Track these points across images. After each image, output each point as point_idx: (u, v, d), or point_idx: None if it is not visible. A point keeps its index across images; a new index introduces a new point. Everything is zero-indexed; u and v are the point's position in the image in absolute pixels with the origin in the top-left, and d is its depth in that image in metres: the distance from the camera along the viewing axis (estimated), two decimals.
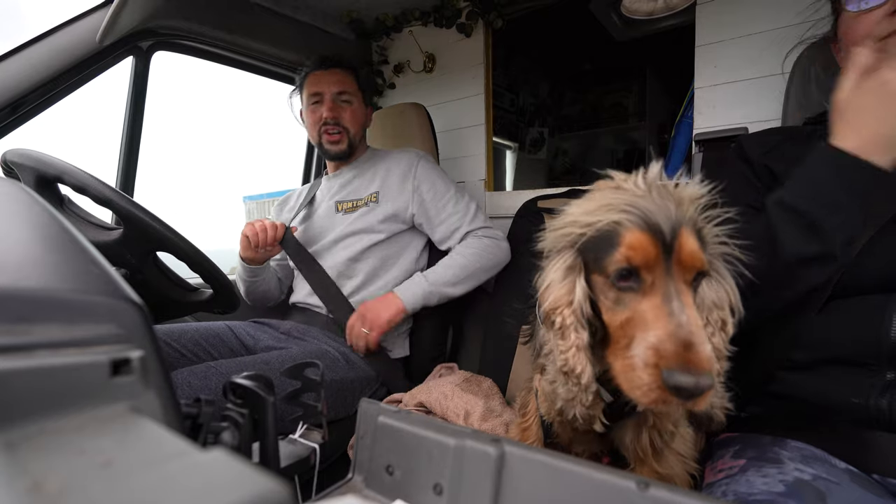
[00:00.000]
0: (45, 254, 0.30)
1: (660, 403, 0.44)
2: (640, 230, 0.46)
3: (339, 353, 1.20)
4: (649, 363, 0.44)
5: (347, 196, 1.40)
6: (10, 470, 0.17)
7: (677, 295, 0.46)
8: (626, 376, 0.47)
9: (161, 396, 0.26)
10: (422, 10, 1.71)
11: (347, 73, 1.40)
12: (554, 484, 0.31)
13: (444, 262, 1.28)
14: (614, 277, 0.48)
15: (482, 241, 1.30)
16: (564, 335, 0.51)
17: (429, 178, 1.34)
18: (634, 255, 0.46)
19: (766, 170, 0.78)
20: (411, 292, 1.24)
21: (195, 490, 0.17)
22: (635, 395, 0.46)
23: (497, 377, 1.25)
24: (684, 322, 0.44)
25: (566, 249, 0.53)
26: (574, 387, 0.52)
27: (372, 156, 1.47)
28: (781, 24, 1.11)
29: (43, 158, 0.77)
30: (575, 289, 0.51)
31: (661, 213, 0.47)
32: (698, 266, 0.47)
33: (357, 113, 1.40)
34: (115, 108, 1.42)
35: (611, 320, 0.50)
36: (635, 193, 0.49)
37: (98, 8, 1.23)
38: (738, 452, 0.71)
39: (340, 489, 0.41)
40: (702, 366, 0.42)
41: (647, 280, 0.47)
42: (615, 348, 0.50)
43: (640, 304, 0.47)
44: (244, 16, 1.51)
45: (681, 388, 0.42)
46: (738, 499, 0.59)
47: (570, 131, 3.72)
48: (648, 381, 0.44)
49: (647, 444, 0.69)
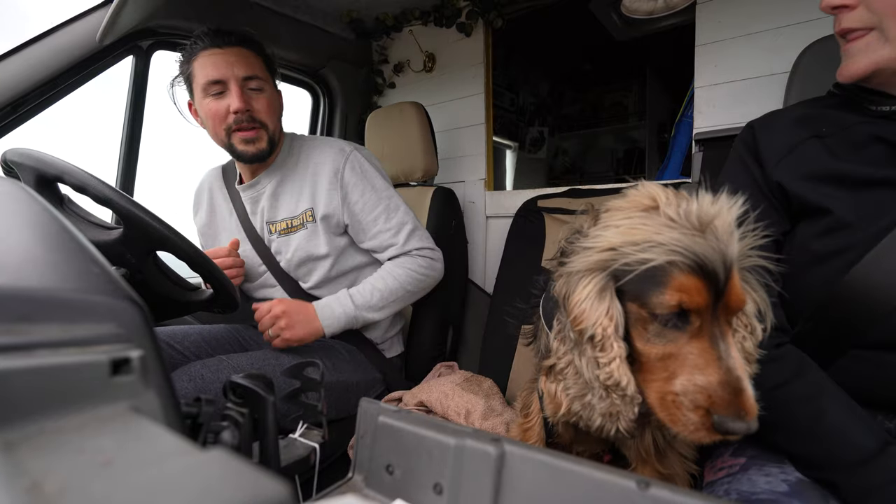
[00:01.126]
0: (45, 253, 0.30)
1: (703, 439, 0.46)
2: (696, 276, 0.46)
3: (345, 352, 1.20)
4: (700, 406, 0.46)
5: (276, 215, 1.18)
6: (10, 470, 0.17)
7: (722, 337, 0.47)
8: (667, 410, 0.49)
9: (161, 396, 0.26)
10: (422, 10, 1.71)
11: (252, 53, 1.10)
12: (554, 483, 0.31)
13: (372, 283, 1.15)
14: (662, 316, 0.48)
15: (416, 261, 1.18)
16: (605, 347, 0.51)
17: (356, 185, 1.15)
18: (689, 300, 0.46)
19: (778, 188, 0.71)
20: (334, 316, 1.10)
21: (195, 489, 0.17)
22: (677, 429, 0.48)
23: (497, 377, 1.25)
24: (732, 366, 0.46)
25: (598, 272, 0.52)
26: (618, 399, 0.51)
27: (291, 153, 1.20)
28: (782, 24, 1.11)
29: (43, 158, 0.77)
30: (611, 309, 0.51)
31: (717, 258, 0.46)
32: (741, 308, 0.49)
33: (273, 102, 1.13)
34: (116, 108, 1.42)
35: (647, 351, 0.51)
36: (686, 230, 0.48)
37: (98, 7, 1.23)
38: (737, 451, 0.71)
39: (340, 489, 0.41)
40: (752, 412, 0.45)
41: (695, 323, 0.48)
42: (649, 377, 0.51)
43: (686, 344, 0.48)
44: (244, 16, 1.51)
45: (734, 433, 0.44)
46: (741, 498, 0.59)
47: (570, 131, 3.72)
48: (696, 422, 0.46)
49: (651, 443, 0.69)
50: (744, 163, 0.76)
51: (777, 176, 0.71)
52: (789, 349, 0.66)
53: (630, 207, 0.54)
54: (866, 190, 0.64)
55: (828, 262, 0.65)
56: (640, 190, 0.54)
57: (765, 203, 0.72)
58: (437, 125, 1.65)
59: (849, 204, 0.64)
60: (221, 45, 1.06)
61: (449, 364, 1.36)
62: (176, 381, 0.93)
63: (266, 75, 1.13)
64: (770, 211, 0.72)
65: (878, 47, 0.62)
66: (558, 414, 0.67)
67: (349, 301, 1.12)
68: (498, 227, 1.65)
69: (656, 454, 0.71)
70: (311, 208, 1.15)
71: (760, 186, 0.73)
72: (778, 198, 0.72)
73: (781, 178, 0.71)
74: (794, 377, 0.63)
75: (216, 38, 1.06)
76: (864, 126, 0.67)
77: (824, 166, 0.67)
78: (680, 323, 0.48)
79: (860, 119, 0.68)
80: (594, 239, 0.53)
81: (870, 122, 0.67)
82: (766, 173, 0.73)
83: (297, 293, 1.21)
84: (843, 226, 0.64)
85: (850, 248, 0.63)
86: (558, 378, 0.66)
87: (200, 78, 1.07)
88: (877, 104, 0.67)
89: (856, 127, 0.68)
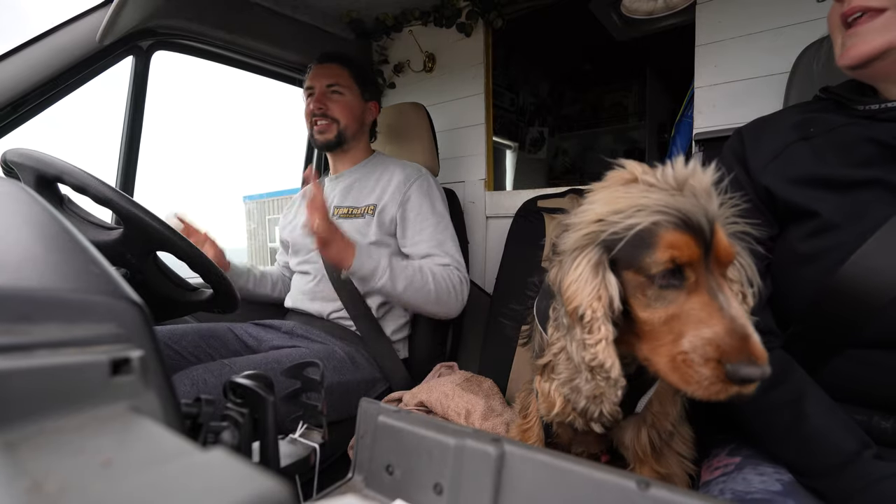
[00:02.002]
0: (45, 253, 0.30)
1: (719, 394, 0.46)
2: (682, 231, 0.47)
3: (345, 354, 1.20)
4: (710, 358, 0.45)
5: (343, 202, 1.38)
6: (10, 470, 0.17)
7: (720, 289, 0.48)
8: (679, 372, 0.48)
9: (161, 396, 0.26)
10: (422, 10, 1.71)
11: (341, 67, 1.39)
12: (554, 483, 0.31)
13: (410, 262, 1.22)
14: (658, 276, 0.49)
15: (452, 273, 1.25)
16: (592, 329, 0.51)
17: (419, 197, 1.31)
18: (680, 254, 0.47)
19: (766, 192, 0.72)
20: (363, 258, 1.12)
21: (195, 490, 0.17)
22: (692, 390, 0.47)
23: (497, 377, 1.25)
24: (736, 315, 0.46)
25: (590, 246, 0.53)
26: (602, 381, 0.52)
27: (376, 162, 1.44)
28: (782, 24, 1.11)
29: (43, 158, 0.77)
30: (604, 284, 0.51)
31: (699, 212, 0.48)
32: (731, 259, 0.50)
33: (349, 104, 1.38)
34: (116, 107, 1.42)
35: (650, 317, 0.51)
36: (666, 191, 0.50)
37: (98, 8, 1.23)
38: (734, 450, 0.71)
39: (340, 489, 0.41)
40: (763, 356, 0.44)
41: (690, 278, 0.48)
42: (656, 344, 0.51)
43: (686, 301, 0.48)
44: (244, 16, 1.51)
45: (748, 379, 0.44)
46: (735, 497, 0.59)
47: (570, 131, 3.71)
48: (710, 376, 0.45)
49: (647, 443, 0.69)
50: (731, 169, 0.76)
51: (765, 180, 0.72)
52: (776, 353, 0.66)
53: (611, 184, 0.55)
54: (854, 191, 0.64)
55: (816, 263, 0.65)
56: (617, 169, 0.56)
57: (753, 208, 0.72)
58: (437, 125, 1.65)
59: (836, 205, 0.64)
60: (321, 62, 1.40)
61: (449, 364, 1.36)
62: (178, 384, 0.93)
63: (350, 84, 1.39)
64: (758, 215, 0.71)
65: (893, 27, 0.61)
66: (552, 412, 0.67)
67: (386, 259, 1.16)
68: (498, 227, 1.65)
69: (654, 454, 0.71)
70: (375, 205, 1.32)
71: (748, 191, 0.73)
72: (766, 202, 0.72)
73: (769, 183, 0.71)
74: (777, 382, 0.63)
75: (320, 58, 1.41)
76: (852, 127, 0.67)
77: (811, 169, 0.68)
78: (676, 281, 0.49)
79: (847, 120, 0.68)
80: (580, 214, 0.54)
81: (856, 122, 0.68)
82: (754, 178, 0.73)
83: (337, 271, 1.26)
84: (830, 227, 0.64)
85: (838, 247, 0.63)
86: (552, 377, 0.66)
87: (305, 86, 1.41)
88: (865, 104, 0.67)
89: (843, 128, 0.68)
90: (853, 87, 0.72)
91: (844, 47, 0.66)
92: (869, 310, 0.60)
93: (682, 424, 0.73)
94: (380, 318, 1.31)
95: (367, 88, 1.44)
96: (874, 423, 0.63)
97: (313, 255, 1.37)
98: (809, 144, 0.70)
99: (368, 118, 1.46)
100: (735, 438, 0.75)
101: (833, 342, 0.64)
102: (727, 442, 0.75)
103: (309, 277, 1.36)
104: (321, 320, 1.32)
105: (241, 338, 1.25)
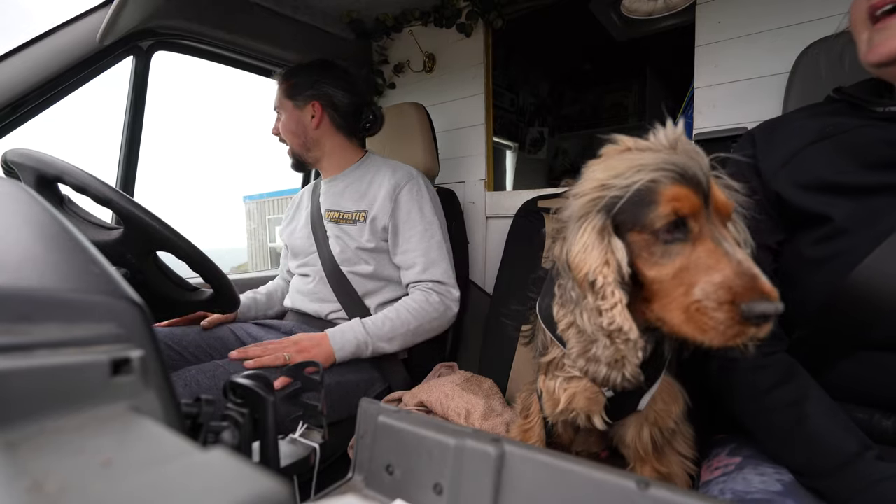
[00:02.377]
0: (45, 253, 0.30)
1: (736, 338, 0.46)
2: (682, 185, 0.49)
3: None
4: (724, 301, 0.46)
5: (336, 206, 1.36)
6: (10, 470, 0.17)
7: (724, 238, 0.49)
8: (694, 322, 0.48)
9: (161, 396, 0.26)
10: (422, 10, 1.71)
11: (278, 85, 1.34)
12: (554, 483, 0.31)
13: (385, 314, 1.21)
14: (663, 231, 0.50)
15: (429, 296, 1.24)
16: (605, 295, 0.51)
17: (409, 201, 1.28)
18: (682, 206, 0.49)
19: (777, 198, 0.70)
20: (345, 340, 1.14)
21: (195, 490, 0.17)
22: (709, 337, 0.47)
23: (497, 377, 1.25)
24: (742, 258, 0.47)
25: (592, 213, 0.53)
26: (623, 345, 0.52)
27: (368, 164, 1.39)
28: (782, 24, 1.11)
29: (43, 158, 0.77)
30: (611, 249, 0.52)
31: (695, 166, 0.50)
32: (731, 210, 0.52)
33: (286, 124, 1.32)
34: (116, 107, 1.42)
35: (659, 274, 0.51)
36: (661, 152, 0.52)
37: (98, 8, 1.23)
38: (734, 450, 0.71)
39: (340, 489, 0.41)
40: (774, 293, 0.45)
41: (694, 229, 0.50)
42: (668, 300, 0.51)
43: (692, 251, 0.49)
44: (244, 16, 1.51)
45: (764, 315, 0.45)
46: (735, 497, 0.59)
47: (570, 131, 3.72)
48: (725, 319, 0.46)
49: (649, 441, 0.69)
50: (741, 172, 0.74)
51: (776, 186, 0.70)
52: (780, 356, 0.67)
53: (607, 155, 0.57)
54: (868, 196, 0.63)
55: (825, 267, 0.65)
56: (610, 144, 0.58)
57: (761, 213, 0.71)
58: (437, 126, 1.66)
59: (849, 210, 0.63)
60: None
61: (449, 364, 1.36)
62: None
63: (282, 100, 1.32)
64: (767, 220, 0.71)
65: None
66: (557, 410, 0.67)
67: (361, 328, 1.17)
68: (498, 227, 1.65)
69: (655, 453, 0.71)
70: (366, 211, 1.29)
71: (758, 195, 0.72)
72: (776, 207, 0.71)
73: (780, 189, 0.70)
74: (780, 383, 0.64)
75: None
76: (867, 129, 0.66)
77: (824, 175, 0.66)
78: (680, 234, 0.50)
79: (862, 122, 0.67)
80: (581, 184, 0.56)
81: (873, 124, 0.66)
82: (765, 182, 0.72)
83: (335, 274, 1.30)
84: (842, 231, 0.63)
85: (849, 251, 0.62)
86: (556, 374, 0.66)
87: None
88: (884, 105, 0.65)
89: (857, 130, 0.66)
90: (869, 88, 0.70)
91: (872, 43, 0.63)
92: (879, 312, 0.59)
93: (683, 423, 0.73)
94: None
95: (297, 94, 1.31)
96: (875, 421, 0.63)
97: (311, 258, 1.37)
98: (822, 148, 0.68)
99: (313, 122, 1.31)
100: (736, 439, 0.75)
101: (839, 345, 0.64)
102: (728, 442, 0.75)
103: (308, 279, 1.36)
104: (320, 320, 1.32)
105: (241, 338, 1.25)
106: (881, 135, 0.64)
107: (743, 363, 0.67)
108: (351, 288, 1.28)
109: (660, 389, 0.67)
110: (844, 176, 0.65)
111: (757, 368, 0.66)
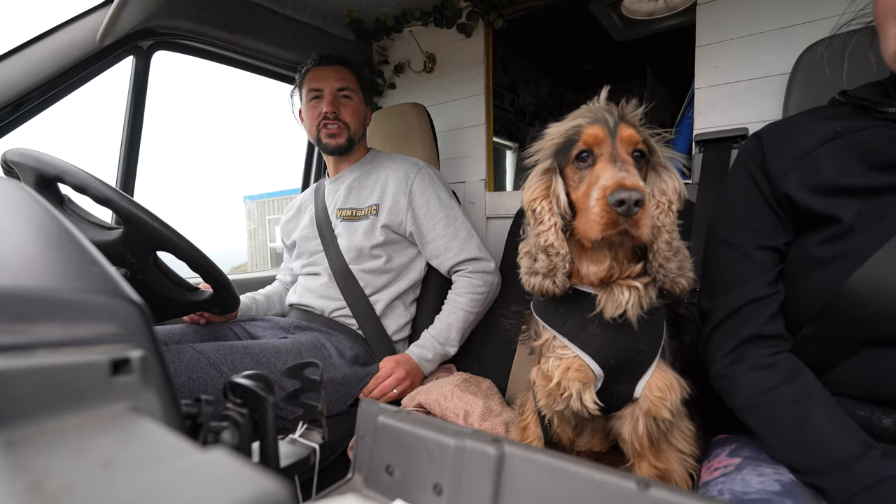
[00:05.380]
0: (45, 253, 0.30)
1: (611, 227, 0.59)
2: (593, 124, 0.65)
3: (334, 349, 1.21)
4: (599, 198, 0.60)
5: (346, 204, 1.39)
6: (10, 470, 0.17)
7: (622, 163, 0.62)
8: (585, 220, 0.63)
9: (161, 396, 0.26)
10: (422, 10, 1.71)
11: (349, 70, 1.39)
12: (554, 484, 0.31)
13: (446, 319, 1.28)
14: (576, 160, 0.66)
15: (472, 281, 1.29)
16: (543, 220, 0.68)
17: (423, 193, 1.32)
18: (591, 139, 0.65)
19: (786, 199, 0.70)
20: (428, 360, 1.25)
21: (195, 490, 0.17)
22: (593, 230, 0.61)
23: (497, 378, 1.25)
24: (622, 170, 0.61)
25: (543, 159, 0.71)
26: (554, 257, 0.67)
27: (373, 159, 1.44)
28: (782, 25, 1.12)
29: (43, 158, 0.77)
30: (551, 183, 0.69)
31: (608, 112, 0.66)
32: (635, 142, 0.65)
33: (358, 110, 1.39)
34: (116, 108, 1.42)
35: (576, 195, 0.67)
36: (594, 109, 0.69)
37: (98, 8, 1.23)
38: (734, 451, 0.71)
39: (340, 489, 0.41)
40: (631, 184, 0.58)
41: (598, 154, 0.65)
42: (580, 216, 0.65)
43: (593, 171, 0.64)
44: (244, 16, 1.51)
45: (620, 200, 0.58)
46: (733, 497, 0.59)
47: None
48: (598, 210, 0.60)
49: (645, 434, 0.70)
50: (749, 173, 0.74)
51: (785, 188, 0.70)
52: (785, 356, 0.67)
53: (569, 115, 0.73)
54: (877, 196, 0.63)
55: (830, 266, 0.65)
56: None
57: (770, 214, 0.72)
58: (438, 126, 1.66)
59: (858, 211, 0.63)
60: (324, 64, 1.38)
61: (447, 366, 1.36)
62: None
63: (357, 89, 1.40)
64: (775, 222, 0.72)
65: None
66: (551, 385, 0.71)
67: (434, 342, 1.26)
68: (498, 227, 1.66)
69: (652, 448, 0.71)
70: (378, 205, 1.33)
71: (766, 198, 0.72)
72: (785, 209, 0.71)
73: (790, 190, 0.69)
74: (784, 382, 0.64)
75: (321, 60, 1.38)
76: (877, 130, 0.65)
77: (834, 177, 0.66)
78: (591, 159, 0.65)
79: (872, 123, 0.66)
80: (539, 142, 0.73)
81: (882, 125, 0.65)
82: (774, 185, 0.71)
83: (343, 272, 1.32)
84: (849, 231, 0.63)
85: (855, 250, 0.62)
86: (548, 355, 0.74)
87: (306, 87, 1.38)
88: (894, 105, 0.65)
89: (868, 130, 0.66)
90: (875, 90, 0.69)
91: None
92: (884, 310, 0.60)
93: (681, 419, 0.73)
94: (382, 317, 1.32)
95: (368, 93, 1.47)
96: (875, 419, 0.63)
97: (317, 257, 1.38)
98: (831, 149, 0.68)
99: (367, 122, 1.48)
100: (737, 439, 0.75)
101: (843, 343, 0.64)
102: (728, 443, 0.75)
103: (317, 277, 1.38)
104: (321, 317, 1.33)
105: (240, 336, 1.26)
106: (892, 135, 0.64)
107: (747, 362, 0.68)
108: (357, 286, 1.30)
109: (654, 377, 0.69)
110: (853, 180, 0.64)
111: (761, 367, 0.66)
